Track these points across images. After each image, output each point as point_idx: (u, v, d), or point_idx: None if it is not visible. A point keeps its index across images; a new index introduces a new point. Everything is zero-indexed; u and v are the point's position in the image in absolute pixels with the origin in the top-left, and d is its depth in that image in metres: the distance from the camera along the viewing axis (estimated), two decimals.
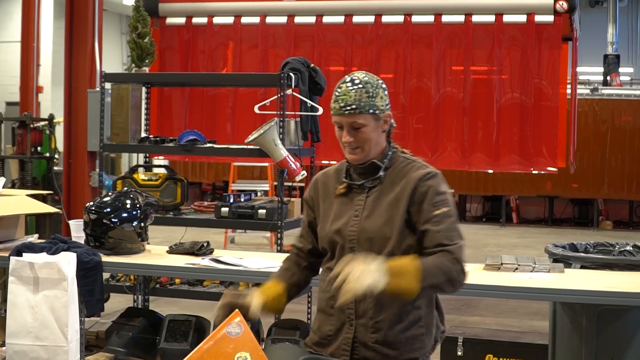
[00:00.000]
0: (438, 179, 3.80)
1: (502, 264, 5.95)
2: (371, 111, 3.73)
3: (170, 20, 12.41)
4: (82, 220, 6.51)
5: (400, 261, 3.59)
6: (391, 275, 3.48)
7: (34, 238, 6.82)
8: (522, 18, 11.35)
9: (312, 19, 12.00)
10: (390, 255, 3.69)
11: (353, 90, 3.72)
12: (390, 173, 3.84)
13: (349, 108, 3.71)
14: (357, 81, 3.75)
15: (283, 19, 12.10)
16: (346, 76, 3.81)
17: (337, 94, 3.76)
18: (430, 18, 11.67)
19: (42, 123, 10.54)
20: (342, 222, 3.83)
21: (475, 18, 11.52)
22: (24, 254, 5.99)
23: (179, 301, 9.74)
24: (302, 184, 13.52)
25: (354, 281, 3.42)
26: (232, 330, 3.65)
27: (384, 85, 3.83)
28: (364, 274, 3.44)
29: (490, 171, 15.99)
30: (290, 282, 4.06)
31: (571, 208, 22.59)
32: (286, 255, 4.26)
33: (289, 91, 7.83)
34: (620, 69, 22.89)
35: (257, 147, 7.53)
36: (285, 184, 7.73)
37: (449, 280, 3.59)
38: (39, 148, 10.42)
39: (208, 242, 6.52)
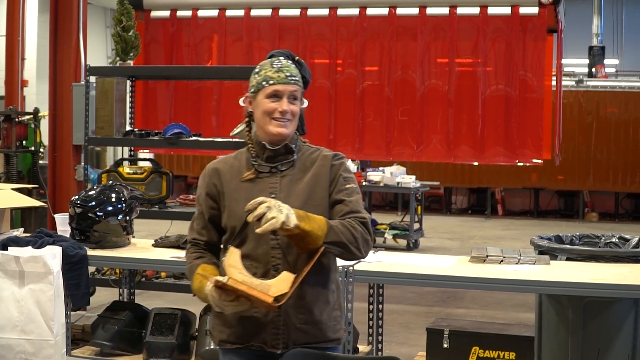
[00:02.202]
0: (346, 159, 3.91)
1: (487, 256, 5.96)
2: (302, 88, 3.83)
3: (154, 14, 12.40)
4: (67, 214, 6.50)
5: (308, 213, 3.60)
6: (299, 218, 3.48)
7: (19, 232, 6.79)
8: (507, 10, 11.37)
9: (296, 12, 12.00)
10: None
11: (292, 65, 3.81)
12: (300, 158, 3.84)
13: (294, 78, 3.76)
14: (289, 61, 3.85)
15: (268, 12, 12.10)
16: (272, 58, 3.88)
17: (278, 66, 3.77)
18: (414, 10, 11.69)
19: (27, 117, 10.52)
20: None
21: (460, 10, 11.55)
22: (9, 247, 5.98)
23: (165, 294, 9.73)
24: None
25: (272, 212, 3.43)
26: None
27: None
28: (277, 207, 3.45)
29: (476, 163, 16.03)
30: (214, 263, 3.84)
31: (557, 200, 22.63)
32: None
33: None
34: (606, 61, 22.93)
35: (243, 140, 7.48)
36: None
37: (354, 240, 3.61)
38: (24, 142, 10.40)
39: None
